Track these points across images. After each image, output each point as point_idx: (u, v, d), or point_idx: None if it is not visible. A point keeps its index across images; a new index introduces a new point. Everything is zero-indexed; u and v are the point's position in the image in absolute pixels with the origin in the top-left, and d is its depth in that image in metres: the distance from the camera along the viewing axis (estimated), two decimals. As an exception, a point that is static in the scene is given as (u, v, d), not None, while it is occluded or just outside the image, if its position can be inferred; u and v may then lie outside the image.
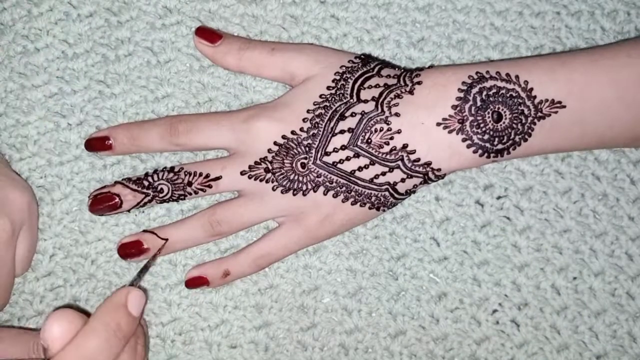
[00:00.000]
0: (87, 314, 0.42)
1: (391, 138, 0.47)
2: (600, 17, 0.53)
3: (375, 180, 0.48)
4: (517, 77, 0.46)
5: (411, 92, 0.47)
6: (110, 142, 0.51)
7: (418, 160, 0.47)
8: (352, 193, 0.48)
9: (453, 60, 0.53)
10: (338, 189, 0.48)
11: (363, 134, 0.47)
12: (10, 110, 0.53)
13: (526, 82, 0.46)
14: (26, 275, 0.52)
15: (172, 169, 0.50)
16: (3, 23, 0.54)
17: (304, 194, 0.48)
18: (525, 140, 0.46)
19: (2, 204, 0.48)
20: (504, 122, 0.46)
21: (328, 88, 0.49)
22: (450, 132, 0.46)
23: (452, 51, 0.53)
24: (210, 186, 0.49)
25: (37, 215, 0.52)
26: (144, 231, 0.51)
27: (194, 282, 0.51)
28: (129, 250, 0.50)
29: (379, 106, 0.47)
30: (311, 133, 0.48)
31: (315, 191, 0.48)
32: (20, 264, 0.50)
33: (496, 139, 0.46)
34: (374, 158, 0.47)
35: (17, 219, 0.49)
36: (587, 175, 0.52)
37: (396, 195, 0.48)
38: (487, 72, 0.47)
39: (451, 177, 0.52)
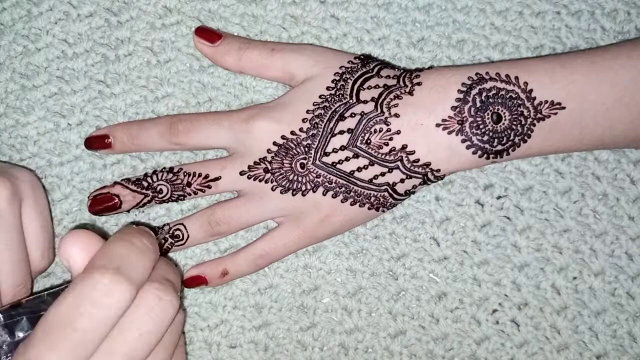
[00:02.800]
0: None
1: (390, 139, 0.47)
2: (601, 17, 0.53)
3: (374, 181, 0.48)
4: (516, 78, 0.46)
5: (411, 93, 0.47)
6: (110, 140, 0.51)
7: (417, 161, 0.47)
8: (352, 193, 0.48)
9: (453, 60, 0.53)
10: (337, 189, 0.48)
11: (362, 134, 0.47)
12: (10, 111, 0.53)
13: (526, 83, 0.46)
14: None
15: (171, 170, 0.50)
16: (3, 23, 0.54)
17: (303, 195, 0.48)
18: (525, 141, 0.46)
19: (2, 171, 0.48)
20: (503, 123, 0.46)
21: (327, 88, 0.49)
22: (449, 133, 0.46)
23: (452, 51, 0.53)
24: (209, 186, 0.49)
25: (43, 197, 0.51)
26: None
27: (192, 282, 0.51)
28: None
29: (379, 107, 0.47)
30: (310, 133, 0.48)
31: (314, 191, 0.48)
32: (35, 249, 0.49)
33: (495, 140, 0.46)
34: (373, 158, 0.47)
35: (19, 186, 0.48)
36: (587, 175, 0.52)
37: (395, 196, 0.48)
38: (487, 73, 0.47)
39: (451, 177, 0.52)
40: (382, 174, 0.47)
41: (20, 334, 0.40)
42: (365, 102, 0.47)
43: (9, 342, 0.40)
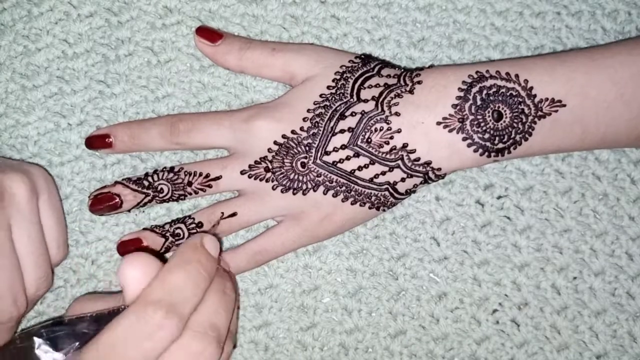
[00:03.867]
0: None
1: (391, 137, 0.47)
2: (601, 17, 0.53)
3: (375, 180, 0.48)
4: (517, 76, 0.46)
5: (411, 92, 0.47)
6: (111, 139, 0.51)
7: (418, 159, 0.47)
8: (352, 192, 0.48)
9: (453, 60, 0.53)
10: (338, 188, 0.48)
11: (363, 133, 0.47)
12: (10, 111, 0.53)
13: (526, 80, 0.46)
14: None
15: (172, 169, 0.50)
16: (3, 23, 0.54)
17: (303, 194, 0.48)
18: (526, 139, 0.46)
19: (18, 167, 0.48)
20: (504, 121, 0.46)
21: (328, 88, 0.49)
22: (450, 131, 0.46)
23: (452, 51, 0.53)
24: (210, 186, 0.49)
25: (56, 192, 0.52)
26: (144, 229, 0.51)
27: None
28: (128, 247, 0.50)
29: (379, 106, 0.47)
30: (311, 132, 0.48)
31: (315, 190, 0.48)
32: (52, 242, 0.50)
33: (497, 138, 0.46)
34: (374, 157, 0.47)
35: (36, 182, 0.49)
36: (587, 175, 0.52)
37: (396, 195, 0.48)
38: (487, 71, 0.47)
39: (451, 177, 0.52)
40: (383, 173, 0.47)
41: (64, 347, 0.41)
42: (366, 101, 0.48)
43: (56, 356, 0.41)
